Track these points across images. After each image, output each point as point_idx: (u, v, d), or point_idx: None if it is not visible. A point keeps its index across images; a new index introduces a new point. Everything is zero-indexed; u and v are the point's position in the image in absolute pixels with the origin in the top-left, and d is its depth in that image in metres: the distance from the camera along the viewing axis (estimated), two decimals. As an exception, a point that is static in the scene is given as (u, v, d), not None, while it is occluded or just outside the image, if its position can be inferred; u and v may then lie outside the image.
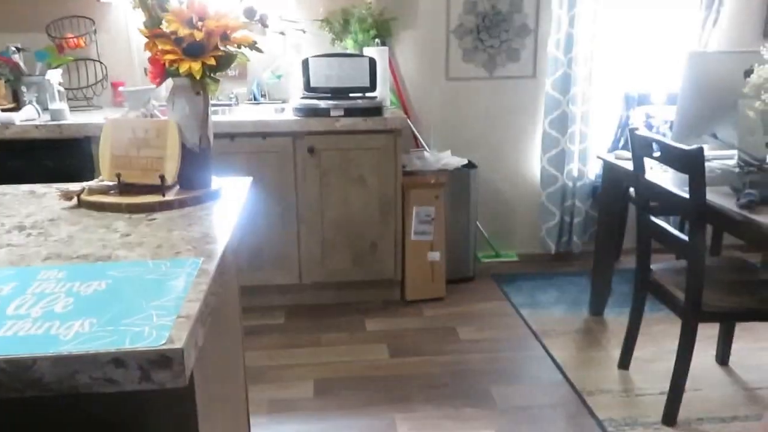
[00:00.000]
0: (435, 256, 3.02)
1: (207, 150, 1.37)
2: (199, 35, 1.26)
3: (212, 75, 1.35)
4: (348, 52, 3.10)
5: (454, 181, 3.10)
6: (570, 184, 3.43)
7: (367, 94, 2.92)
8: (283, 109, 3.07)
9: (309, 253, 2.92)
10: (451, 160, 3.14)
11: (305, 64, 2.88)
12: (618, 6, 3.33)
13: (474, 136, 3.43)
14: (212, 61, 1.27)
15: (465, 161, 3.18)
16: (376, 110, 2.82)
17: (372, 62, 2.90)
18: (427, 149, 3.32)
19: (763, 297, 1.98)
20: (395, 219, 2.92)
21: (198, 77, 1.27)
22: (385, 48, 3.08)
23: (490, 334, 2.72)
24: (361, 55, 2.97)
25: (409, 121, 3.24)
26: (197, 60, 1.27)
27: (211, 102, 2.60)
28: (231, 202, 1.33)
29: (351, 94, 2.89)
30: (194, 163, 1.35)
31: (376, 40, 3.12)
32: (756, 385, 2.31)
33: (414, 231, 2.97)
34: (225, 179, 1.51)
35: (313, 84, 2.90)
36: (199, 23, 1.27)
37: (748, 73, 2.11)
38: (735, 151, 2.36)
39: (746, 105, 2.14)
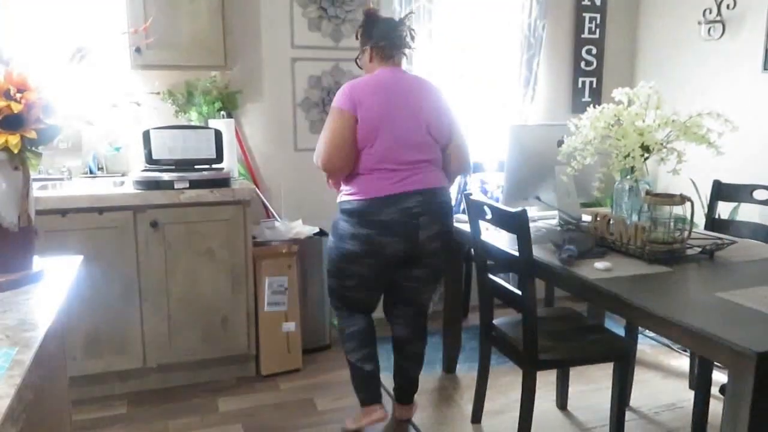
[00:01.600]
0: (290, 326, 2.97)
1: (27, 229, 1.26)
2: (17, 107, 1.18)
3: (34, 148, 1.26)
4: (192, 124, 3.05)
5: (306, 249, 3.11)
6: (418, 247, 3.59)
7: (214, 166, 2.88)
8: (122, 183, 2.92)
9: (154, 333, 2.74)
10: (303, 228, 3.16)
11: (146, 136, 2.78)
12: (450, 83, 3.64)
13: (324, 205, 3.48)
14: (33, 135, 1.19)
15: (316, 229, 3.22)
16: (223, 181, 2.78)
17: (218, 134, 2.88)
18: (278, 219, 3.32)
19: (590, 342, 2.18)
20: (246, 291, 2.85)
21: (16, 151, 1.18)
22: (231, 120, 3.08)
23: (347, 402, 2.69)
24: (206, 127, 2.94)
25: (258, 191, 3.22)
26: (15, 133, 1.19)
27: (36, 176, 2.43)
28: (56, 285, 1.23)
29: (197, 166, 2.83)
30: (12, 243, 1.23)
31: (222, 112, 3.11)
32: (592, 425, 2.50)
33: (267, 302, 2.91)
34: (50, 259, 1.39)
35: (155, 156, 2.80)
36: (18, 95, 1.20)
37: (560, 143, 2.40)
38: (557, 211, 2.64)
39: (560, 171, 2.41)
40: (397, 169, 2.22)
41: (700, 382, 2.34)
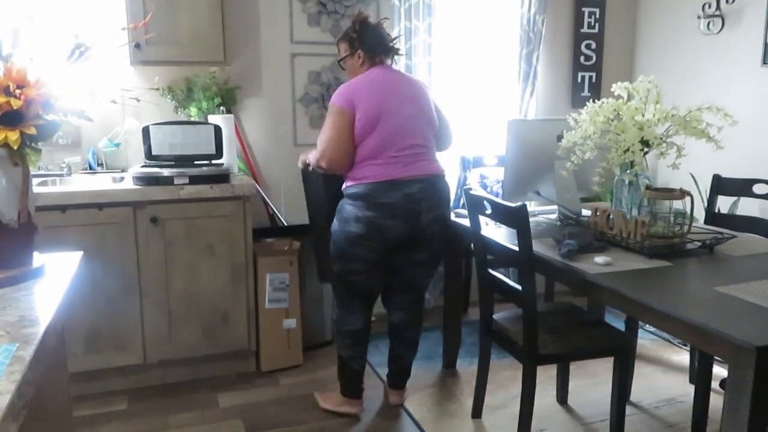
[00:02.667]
0: (291, 323, 2.97)
1: (27, 225, 1.26)
2: (17, 103, 1.18)
3: (33, 144, 1.26)
4: (192, 119, 3.05)
5: (307, 246, 3.10)
6: (418, 242, 3.59)
7: (214, 162, 2.88)
8: (122, 178, 2.92)
9: (154, 329, 2.74)
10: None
11: (146, 131, 2.78)
12: (450, 78, 3.64)
13: (324, 200, 3.47)
14: (32, 131, 1.19)
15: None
16: (222, 177, 2.78)
17: (217, 130, 2.88)
18: (279, 214, 3.32)
19: (590, 337, 2.19)
20: (247, 288, 2.85)
21: (15, 147, 1.18)
22: (231, 116, 3.08)
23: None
24: (205, 123, 2.94)
25: (258, 187, 3.22)
26: (15, 129, 1.18)
27: (36, 172, 2.43)
28: (56, 281, 1.23)
29: (196, 162, 2.83)
30: (12, 240, 1.23)
31: (221, 108, 3.11)
32: (593, 419, 2.51)
33: (268, 299, 2.91)
34: (50, 255, 1.39)
35: (155, 152, 2.80)
36: (17, 91, 1.19)
37: (559, 138, 2.40)
38: (556, 206, 2.64)
39: (560, 166, 2.41)
40: (399, 155, 2.36)
41: (700, 376, 2.34)
